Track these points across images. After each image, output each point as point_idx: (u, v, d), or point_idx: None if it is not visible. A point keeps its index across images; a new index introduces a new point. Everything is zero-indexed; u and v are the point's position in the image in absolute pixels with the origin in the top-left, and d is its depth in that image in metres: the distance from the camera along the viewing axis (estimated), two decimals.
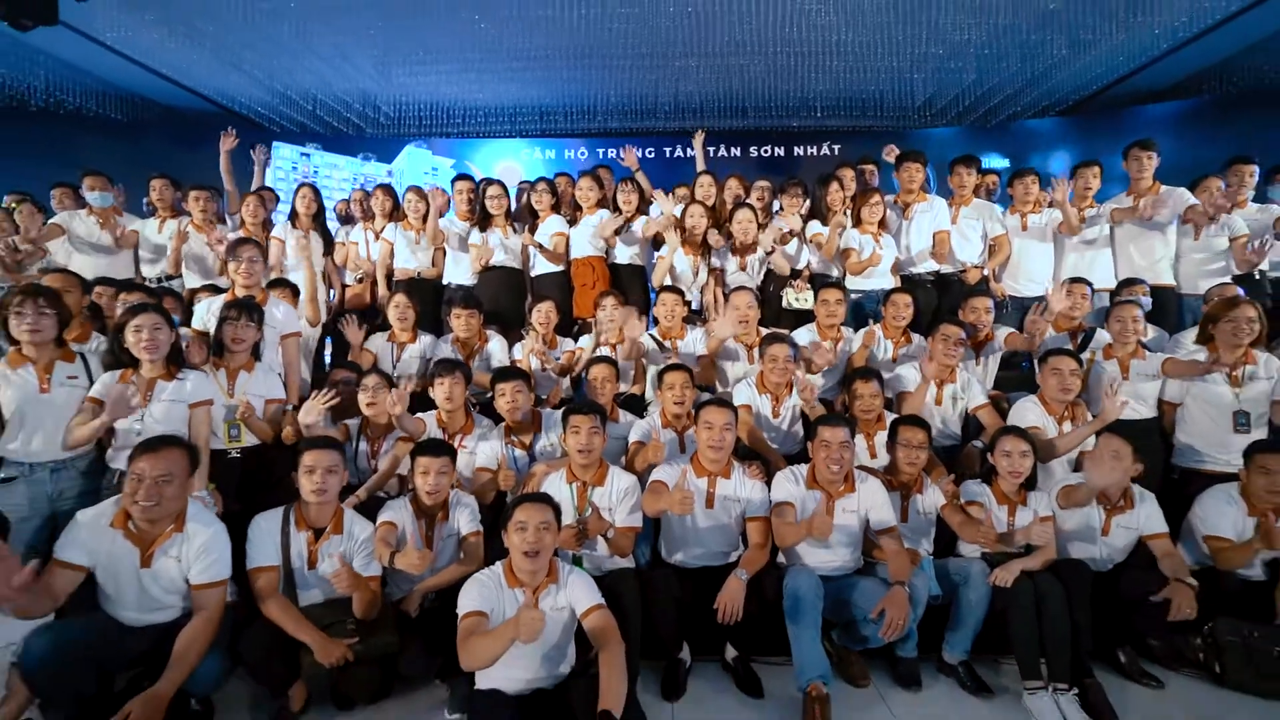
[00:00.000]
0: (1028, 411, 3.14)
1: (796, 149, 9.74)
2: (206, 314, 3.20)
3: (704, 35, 6.85)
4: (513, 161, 10.15)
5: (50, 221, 4.63)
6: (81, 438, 2.54)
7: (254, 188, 5.22)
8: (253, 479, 2.93)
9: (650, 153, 9.93)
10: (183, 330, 3.06)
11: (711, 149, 9.77)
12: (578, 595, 2.14)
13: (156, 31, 6.48)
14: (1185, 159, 7.86)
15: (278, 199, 5.60)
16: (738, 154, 9.86)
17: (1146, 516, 2.73)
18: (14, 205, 5.15)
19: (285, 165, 9.41)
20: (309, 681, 2.34)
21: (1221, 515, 2.73)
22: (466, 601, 2.07)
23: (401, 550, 2.36)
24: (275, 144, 9.55)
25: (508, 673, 2.05)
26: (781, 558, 2.73)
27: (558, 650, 2.15)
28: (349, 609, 2.34)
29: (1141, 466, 2.73)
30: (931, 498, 2.80)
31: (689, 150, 9.78)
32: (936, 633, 2.66)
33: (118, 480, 2.56)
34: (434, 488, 2.52)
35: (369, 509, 2.65)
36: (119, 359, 2.68)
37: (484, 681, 2.09)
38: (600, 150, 10.13)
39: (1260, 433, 3.11)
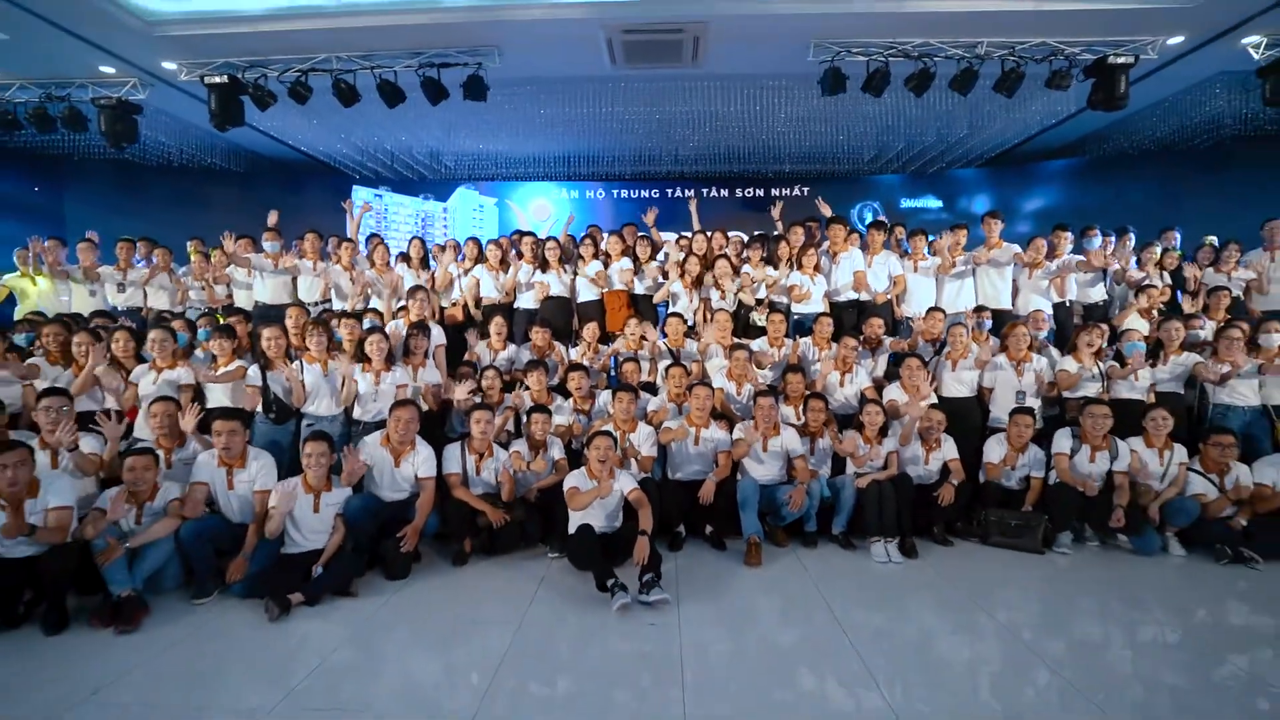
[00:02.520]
0: (890, 392, 4.86)
1: (773, 190, 11.40)
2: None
3: (697, 112, 8.55)
4: (543, 199, 11.89)
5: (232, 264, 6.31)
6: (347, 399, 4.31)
7: (349, 233, 6.82)
8: (432, 428, 4.65)
9: (655, 193, 11.67)
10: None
11: (705, 189, 11.56)
12: (625, 483, 3.87)
13: (293, 115, 8.15)
14: (1073, 201, 9.73)
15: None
16: (726, 194, 11.56)
17: (947, 452, 4.47)
18: (199, 248, 6.94)
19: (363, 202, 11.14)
20: (475, 537, 4.08)
21: (994, 452, 4.47)
22: (569, 482, 3.81)
23: (531, 463, 4.12)
24: (355, 187, 11.34)
25: (587, 518, 3.79)
26: (739, 475, 4.47)
27: (615, 511, 3.88)
28: (498, 497, 4.08)
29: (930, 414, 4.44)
30: (827, 441, 4.53)
31: (687, 191, 11.64)
32: (828, 521, 4.39)
33: (361, 427, 4.32)
34: (540, 433, 4.26)
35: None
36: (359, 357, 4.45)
37: (573, 526, 3.82)
38: (614, 191, 11.88)
39: (1034, 403, 4.83)
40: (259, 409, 4.28)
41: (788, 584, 3.75)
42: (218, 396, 4.33)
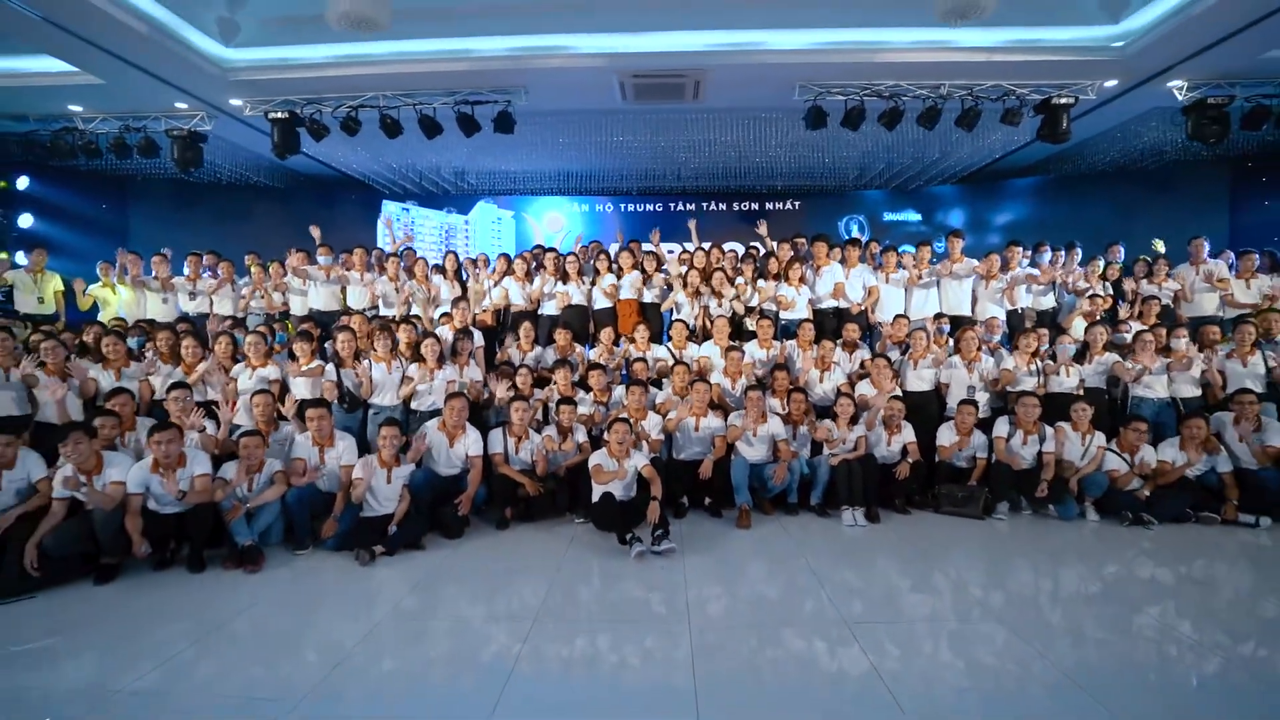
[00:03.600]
0: (861, 387, 5.62)
1: (767, 204, 12.15)
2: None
3: (697, 139, 9.31)
4: (556, 212, 12.64)
5: (291, 275, 7.08)
6: (407, 394, 5.08)
7: (389, 248, 7.60)
8: (473, 416, 5.40)
9: (658, 207, 12.42)
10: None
11: (704, 204, 12.31)
12: (639, 460, 4.63)
13: (338, 140, 8.86)
14: (1037, 215, 10.47)
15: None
16: (724, 208, 12.29)
17: (906, 436, 5.22)
18: (257, 261, 7.71)
19: (389, 215, 11.93)
20: (515, 505, 4.84)
21: (945, 436, 5.23)
22: (593, 460, 4.57)
23: (561, 445, 4.88)
24: (385, 201, 12.11)
25: (608, 489, 4.55)
26: (733, 455, 5.22)
27: (630, 483, 4.62)
28: (534, 472, 4.84)
29: (892, 404, 5.20)
30: (806, 429, 5.29)
31: (688, 205, 12.37)
32: (807, 493, 5.15)
33: (417, 416, 5.09)
34: (567, 421, 5.01)
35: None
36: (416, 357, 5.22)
37: (597, 495, 4.57)
38: (621, 205, 12.62)
39: (983, 397, 5.59)
40: (334, 400, 5.05)
41: (773, 544, 4.48)
42: (300, 389, 5.10)
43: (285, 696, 2.60)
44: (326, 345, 5.63)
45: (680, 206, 12.20)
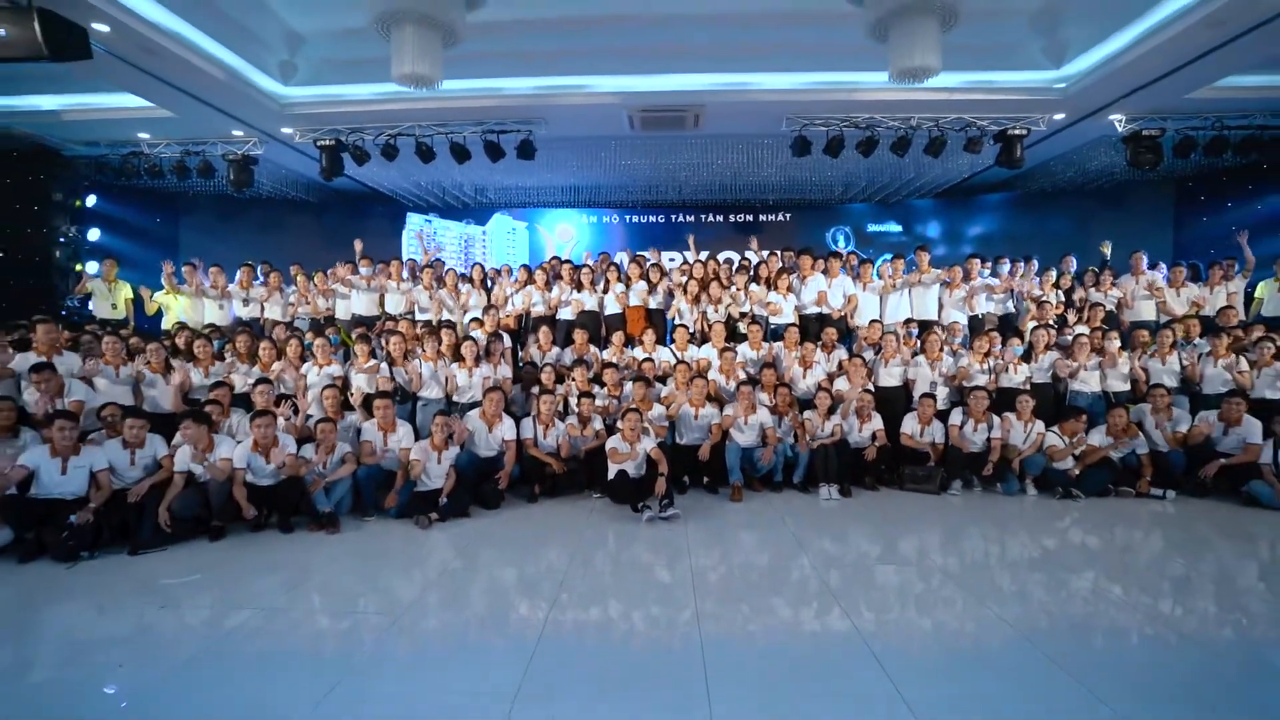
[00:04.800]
0: (839, 383, 6.35)
1: (761, 216, 12.86)
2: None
3: (697, 161, 10.03)
4: (566, 224, 13.36)
5: (337, 283, 7.81)
6: (452, 387, 5.82)
7: (421, 260, 8.35)
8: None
9: (660, 218, 13.13)
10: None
11: (702, 215, 13.02)
12: (648, 444, 5.37)
13: (375, 163, 9.58)
14: (1006, 228, 11.19)
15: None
16: (720, 219, 13.00)
17: (875, 424, 5.95)
18: (303, 271, 8.42)
19: (414, 227, 12.67)
20: (543, 483, 5.58)
21: (909, 425, 5.96)
22: (610, 444, 5.31)
23: (582, 431, 5.62)
24: (409, 214, 12.83)
25: (623, 468, 5.29)
26: (727, 440, 5.95)
27: (640, 463, 5.34)
28: (558, 455, 5.58)
29: (863, 397, 5.94)
30: (790, 419, 6.02)
31: (688, 217, 13.08)
32: (790, 473, 5.88)
33: (459, 407, 5.82)
34: (586, 412, 5.75)
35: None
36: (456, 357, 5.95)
37: (612, 474, 5.31)
38: (626, 216, 13.33)
39: (943, 391, 6.32)
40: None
41: (761, 514, 5.18)
42: (360, 384, 5.83)
43: (362, 633, 3.13)
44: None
45: (680, 218, 12.92)
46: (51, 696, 2.64)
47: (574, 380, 6.24)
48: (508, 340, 6.74)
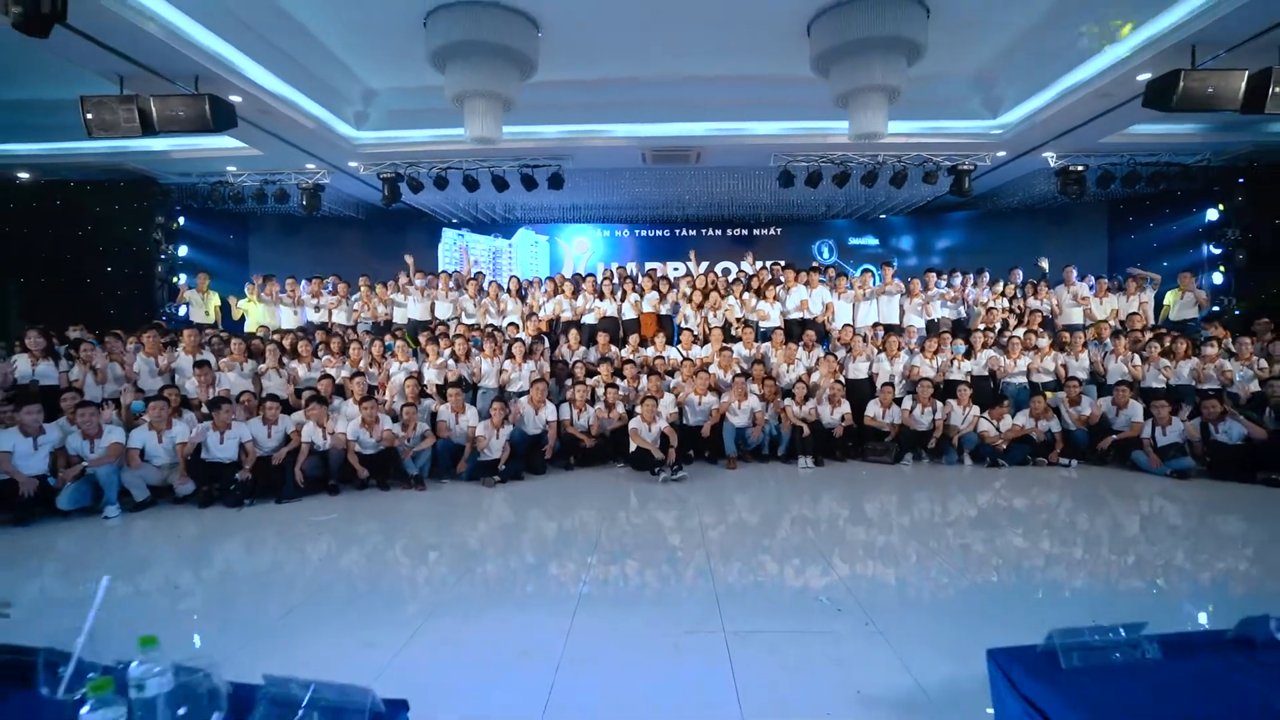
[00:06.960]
0: (815, 376, 7.49)
1: (755, 231, 13.90)
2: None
3: (699, 188, 11.15)
4: (583, 237, 14.44)
5: (397, 293, 8.95)
6: (504, 381, 6.98)
7: (464, 271, 9.50)
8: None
9: (666, 233, 14.21)
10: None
11: (703, 230, 14.11)
12: (661, 424, 6.51)
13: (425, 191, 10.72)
14: (970, 242, 12.29)
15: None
16: (719, 233, 14.05)
17: (844, 409, 7.07)
18: (367, 282, 9.55)
19: (449, 241, 13.79)
20: (577, 455, 6.72)
21: (872, 409, 7.07)
22: (632, 425, 6.45)
23: (608, 414, 6.77)
24: (444, 230, 13.95)
25: (642, 444, 6.43)
26: (724, 422, 7.09)
27: (656, 439, 6.49)
28: (590, 432, 6.72)
29: (834, 386, 7.07)
30: (774, 405, 7.15)
31: (690, 231, 14.17)
32: (775, 448, 7.02)
33: (510, 395, 6.98)
34: (611, 399, 6.90)
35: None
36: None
37: (633, 448, 6.45)
38: (636, 231, 14.41)
39: (901, 383, 7.45)
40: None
41: (751, 481, 6.26)
42: (431, 376, 6.98)
43: (445, 569, 4.22)
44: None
45: (684, 232, 14.00)
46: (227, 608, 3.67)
47: (600, 374, 7.39)
48: (546, 341, 7.89)
